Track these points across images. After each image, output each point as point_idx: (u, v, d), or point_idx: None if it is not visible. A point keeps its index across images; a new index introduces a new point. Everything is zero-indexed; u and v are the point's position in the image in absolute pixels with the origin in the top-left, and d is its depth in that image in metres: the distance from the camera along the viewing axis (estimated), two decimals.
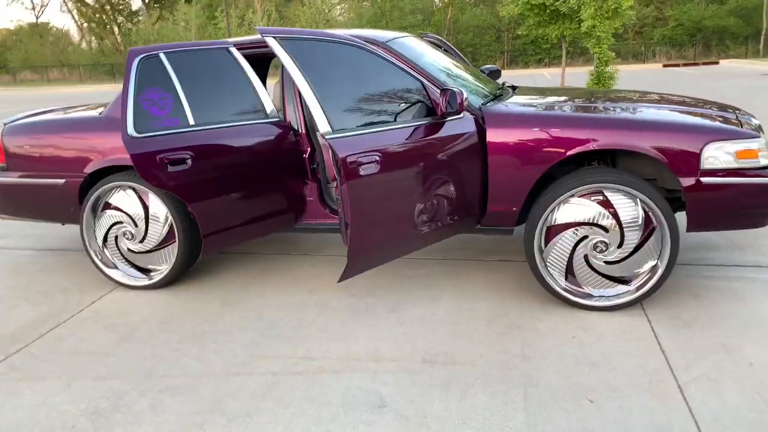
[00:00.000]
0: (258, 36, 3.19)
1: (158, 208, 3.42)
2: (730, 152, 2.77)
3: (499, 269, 3.60)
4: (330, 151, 2.59)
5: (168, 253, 3.52)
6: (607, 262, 2.93)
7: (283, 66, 3.33)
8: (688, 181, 2.80)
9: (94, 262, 3.62)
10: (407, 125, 2.81)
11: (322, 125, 2.58)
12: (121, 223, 3.50)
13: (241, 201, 3.12)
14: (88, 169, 3.49)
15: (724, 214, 2.85)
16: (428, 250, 3.98)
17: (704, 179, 2.78)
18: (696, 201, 2.81)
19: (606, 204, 2.88)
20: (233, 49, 3.25)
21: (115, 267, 3.62)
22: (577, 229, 2.93)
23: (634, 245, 2.88)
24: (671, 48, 30.18)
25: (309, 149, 3.29)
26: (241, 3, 36.37)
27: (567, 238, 2.95)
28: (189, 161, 2.96)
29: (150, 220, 3.45)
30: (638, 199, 2.84)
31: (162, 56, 3.01)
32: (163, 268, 3.55)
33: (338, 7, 36.20)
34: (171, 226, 3.44)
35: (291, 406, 2.34)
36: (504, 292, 3.27)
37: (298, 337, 2.90)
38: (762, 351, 2.56)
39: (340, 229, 3.22)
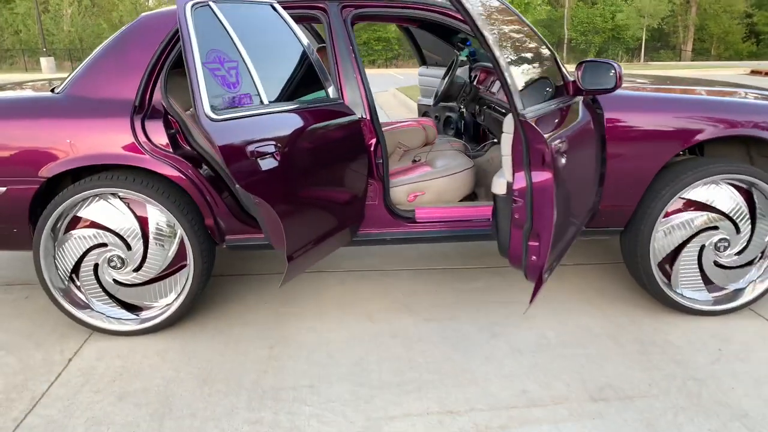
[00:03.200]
0: None
1: (162, 220, 2.48)
2: None
3: (558, 274, 3.17)
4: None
5: (171, 284, 2.58)
6: (717, 264, 2.64)
7: (331, 34, 2.59)
8: None
9: (57, 302, 2.53)
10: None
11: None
12: (103, 246, 2.48)
13: (321, 209, 2.31)
14: (47, 171, 2.41)
15: None
16: (465, 258, 3.44)
17: None
18: None
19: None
20: (278, 6, 2.42)
21: (88, 307, 2.58)
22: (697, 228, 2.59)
23: (749, 236, 2.62)
24: None
25: (375, 140, 2.55)
26: None
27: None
28: (278, 156, 2.08)
29: (152, 239, 2.48)
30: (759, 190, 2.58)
31: (213, 6, 2.09)
32: (160, 304, 2.60)
33: None
34: (181, 245, 2.52)
35: None
36: (594, 300, 2.86)
37: (408, 382, 2.22)
38: None
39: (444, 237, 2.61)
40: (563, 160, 1.98)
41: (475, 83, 3.52)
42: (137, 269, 2.51)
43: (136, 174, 2.46)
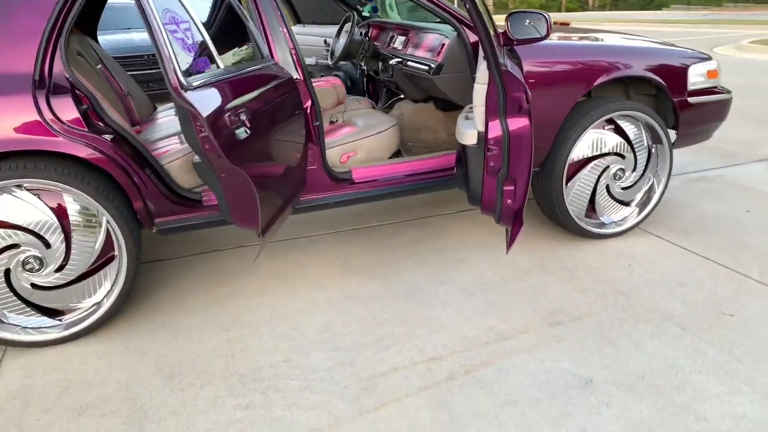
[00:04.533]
0: None
1: (82, 208, 2.19)
2: (701, 72, 3.07)
3: (473, 219, 3.36)
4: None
5: (99, 280, 2.31)
6: (623, 188, 2.99)
7: None
8: (680, 99, 3.00)
9: None
10: None
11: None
12: (14, 247, 2.13)
13: (280, 178, 2.18)
14: None
15: (700, 129, 3.17)
16: (381, 213, 3.49)
17: (690, 98, 3.03)
18: (684, 117, 3.05)
19: (620, 131, 2.90)
20: None
21: (1, 321, 2.22)
22: (598, 162, 2.89)
23: (642, 169, 2.99)
24: None
25: (309, 102, 2.45)
26: None
27: (590, 172, 2.89)
28: (247, 124, 1.90)
29: (74, 232, 2.19)
30: (641, 123, 2.94)
31: None
32: (86, 304, 2.32)
33: None
34: (107, 234, 2.25)
35: (489, 417, 1.82)
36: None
37: (382, 338, 2.25)
38: None
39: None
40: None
41: (368, 40, 3.51)
42: (60, 268, 2.21)
43: (44, 159, 2.13)
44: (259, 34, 2.33)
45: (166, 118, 3.20)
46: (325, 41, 4.22)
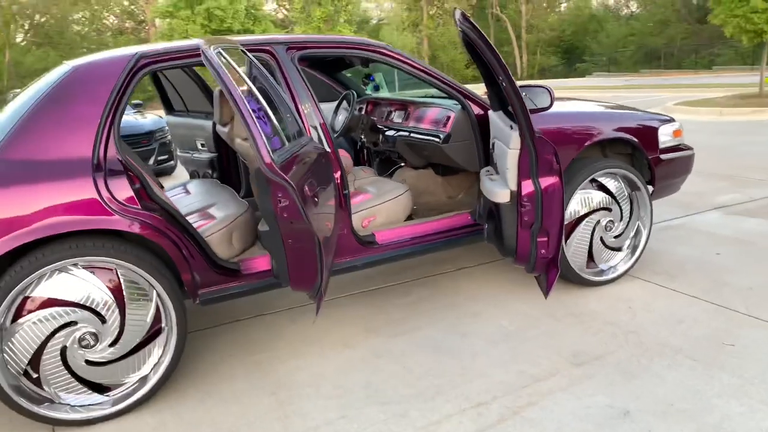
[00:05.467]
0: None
1: (134, 281, 2.28)
2: (669, 132, 3.47)
3: (470, 276, 3.58)
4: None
5: (146, 354, 2.37)
6: (614, 237, 3.29)
7: (283, 73, 2.66)
8: (653, 156, 3.38)
9: (11, 402, 2.15)
10: None
11: None
12: (72, 324, 2.19)
13: (328, 243, 2.36)
14: None
15: (672, 182, 3.55)
16: (385, 274, 3.66)
17: (662, 155, 3.42)
18: (658, 172, 3.41)
19: (602, 187, 3.22)
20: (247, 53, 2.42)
21: (49, 399, 2.24)
22: (591, 218, 3.17)
23: (628, 218, 3.31)
24: None
25: (339, 172, 2.66)
26: None
27: (585, 228, 3.16)
28: (312, 194, 2.07)
29: (128, 305, 2.26)
30: (619, 177, 3.26)
31: (223, 52, 2.03)
32: (133, 379, 2.36)
33: None
34: (156, 306, 2.34)
35: None
36: (516, 290, 3.31)
37: (425, 390, 2.38)
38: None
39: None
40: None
41: (366, 115, 3.79)
42: (113, 343, 2.26)
43: (100, 238, 2.23)
44: (295, 111, 2.56)
45: (177, 197, 3.33)
46: None
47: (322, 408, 2.31)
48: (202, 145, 4.13)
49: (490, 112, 2.89)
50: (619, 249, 3.32)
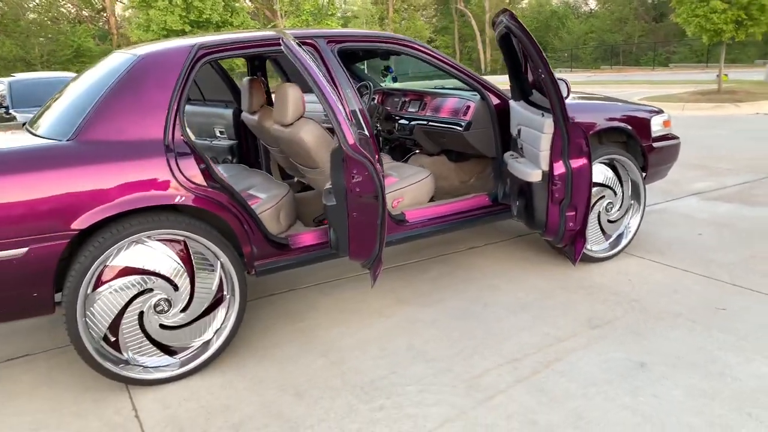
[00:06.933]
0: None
1: (204, 254, 2.49)
2: (660, 123, 3.83)
3: (483, 254, 3.88)
4: None
5: (209, 320, 2.58)
6: (609, 220, 3.63)
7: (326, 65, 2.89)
8: (647, 144, 3.73)
9: (95, 363, 2.34)
10: None
11: None
12: (149, 291, 2.38)
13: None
14: (80, 223, 2.25)
15: (662, 168, 3.91)
16: (405, 253, 3.92)
17: (654, 144, 3.77)
18: (651, 159, 3.76)
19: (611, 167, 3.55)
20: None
21: (125, 361, 2.43)
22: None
23: (622, 199, 3.65)
24: None
25: (378, 155, 2.90)
26: None
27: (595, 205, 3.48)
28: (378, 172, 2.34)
29: (197, 274, 2.47)
30: (617, 164, 3.61)
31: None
32: (197, 343, 2.57)
33: None
34: (221, 277, 2.55)
35: (578, 395, 2.28)
36: (529, 267, 3.62)
37: (463, 350, 2.66)
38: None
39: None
40: None
41: (381, 105, 4.04)
42: (185, 309, 2.47)
43: (174, 213, 2.43)
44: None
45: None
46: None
47: (372, 366, 2.57)
48: (221, 132, 4.31)
49: (512, 102, 3.19)
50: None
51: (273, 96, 3.11)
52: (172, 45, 2.67)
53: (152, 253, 2.39)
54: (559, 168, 2.63)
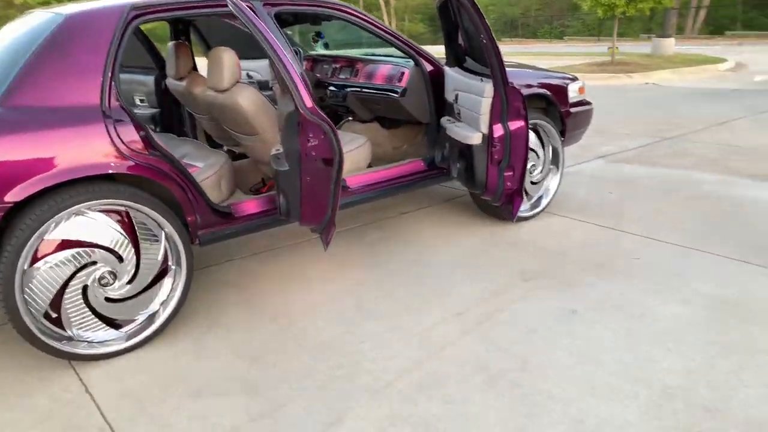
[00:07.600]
0: None
1: (147, 224, 2.42)
2: (576, 89, 4.08)
3: (416, 218, 4.00)
4: None
5: (155, 292, 2.52)
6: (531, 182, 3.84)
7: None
8: (565, 109, 3.97)
9: (37, 340, 2.23)
10: None
11: None
12: (92, 264, 2.29)
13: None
14: (13, 195, 2.11)
15: (578, 132, 4.17)
16: (342, 220, 3.95)
17: (571, 109, 4.02)
18: (568, 124, 4.01)
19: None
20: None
21: (68, 337, 2.34)
22: None
23: (543, 162, 3.88)
24: None
25: None
26: None
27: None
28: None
29: (142, 245, 2.40)
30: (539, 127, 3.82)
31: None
32: (143, 316, 2.51)
33: None
34: (165, 247, 2.49)
35: (523, 341, 2.46)
36: (461, 229, 3.78)
37: (411, 308, 2.78)
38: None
39: None
40: None
41: (311, 72, 4.01)
42: (131, 280, 2.40)
43: (114, 182, 2.34)
44: None
45: None
46: (248, 74, 4.60)
47: (324, 327, 2.63)
48: (141, 100, 4.11)
49: (446, 68, 3.28)
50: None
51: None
52: (101, 5, 2.53)
53: (94, 224, 2.30)
54: (498, 130, 2.77)
